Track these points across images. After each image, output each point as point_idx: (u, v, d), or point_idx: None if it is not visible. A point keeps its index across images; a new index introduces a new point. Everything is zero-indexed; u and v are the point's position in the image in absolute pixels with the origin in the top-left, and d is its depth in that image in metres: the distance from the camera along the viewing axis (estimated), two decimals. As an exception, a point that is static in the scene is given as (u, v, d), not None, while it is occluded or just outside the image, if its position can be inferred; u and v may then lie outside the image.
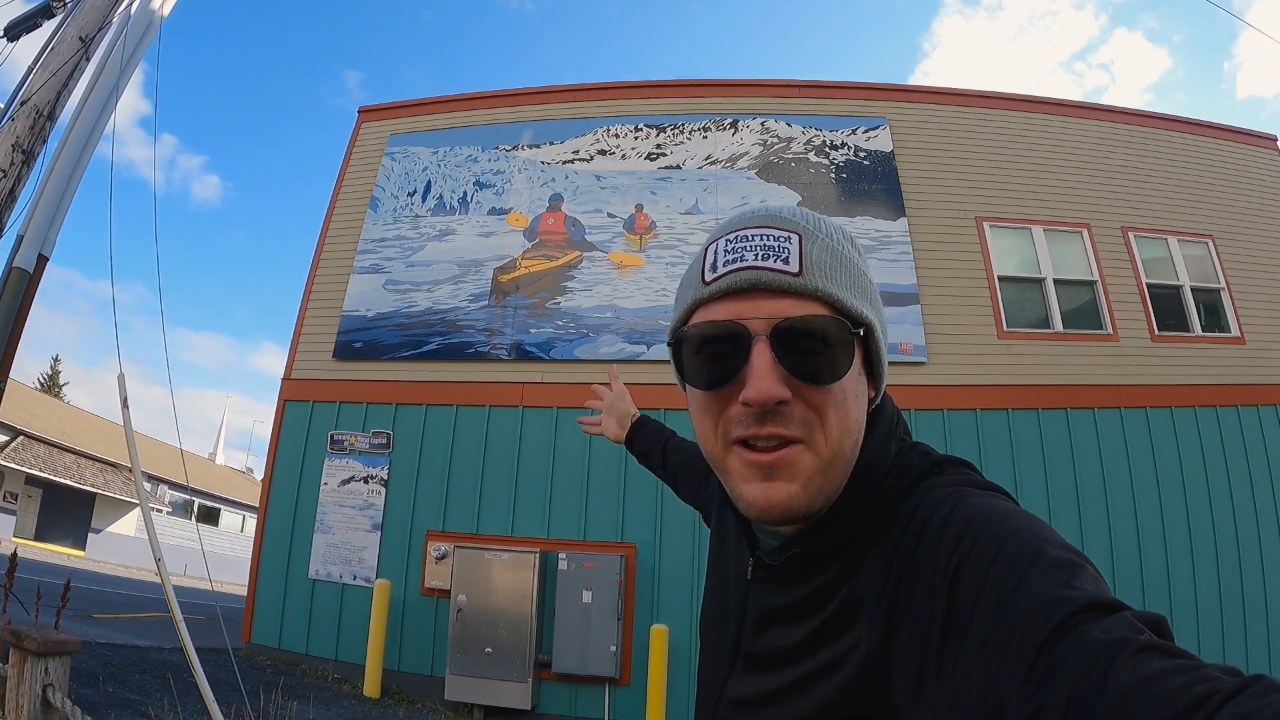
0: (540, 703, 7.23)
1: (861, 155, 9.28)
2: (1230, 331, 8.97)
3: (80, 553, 20.96)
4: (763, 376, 0.63)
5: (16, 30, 4.30)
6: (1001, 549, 0.54)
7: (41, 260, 3.85)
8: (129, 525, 23.09)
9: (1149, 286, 8.96)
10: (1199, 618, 7.45)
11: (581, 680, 7.24)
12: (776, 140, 9.42)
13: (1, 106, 3.96)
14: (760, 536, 0.77)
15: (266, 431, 9.15)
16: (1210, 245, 9.36)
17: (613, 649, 7.13)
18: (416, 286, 9.04)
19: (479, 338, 8.68)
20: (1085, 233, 9.11)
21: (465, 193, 9.53)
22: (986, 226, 8.98)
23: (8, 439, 18.78)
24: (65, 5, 4.16)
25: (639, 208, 9.15)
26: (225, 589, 17.09)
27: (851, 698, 0.62)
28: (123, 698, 5.13)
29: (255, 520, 8.88)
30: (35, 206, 3.82)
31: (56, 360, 37.08)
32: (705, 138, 9.50)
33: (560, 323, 8.64)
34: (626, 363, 8.30)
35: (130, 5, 4.24)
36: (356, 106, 10.99)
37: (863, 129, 9.42)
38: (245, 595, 8.38)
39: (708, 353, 0.68)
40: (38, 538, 20.10)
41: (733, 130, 9.51)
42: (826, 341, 0.65)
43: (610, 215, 9.15)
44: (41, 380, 34.69)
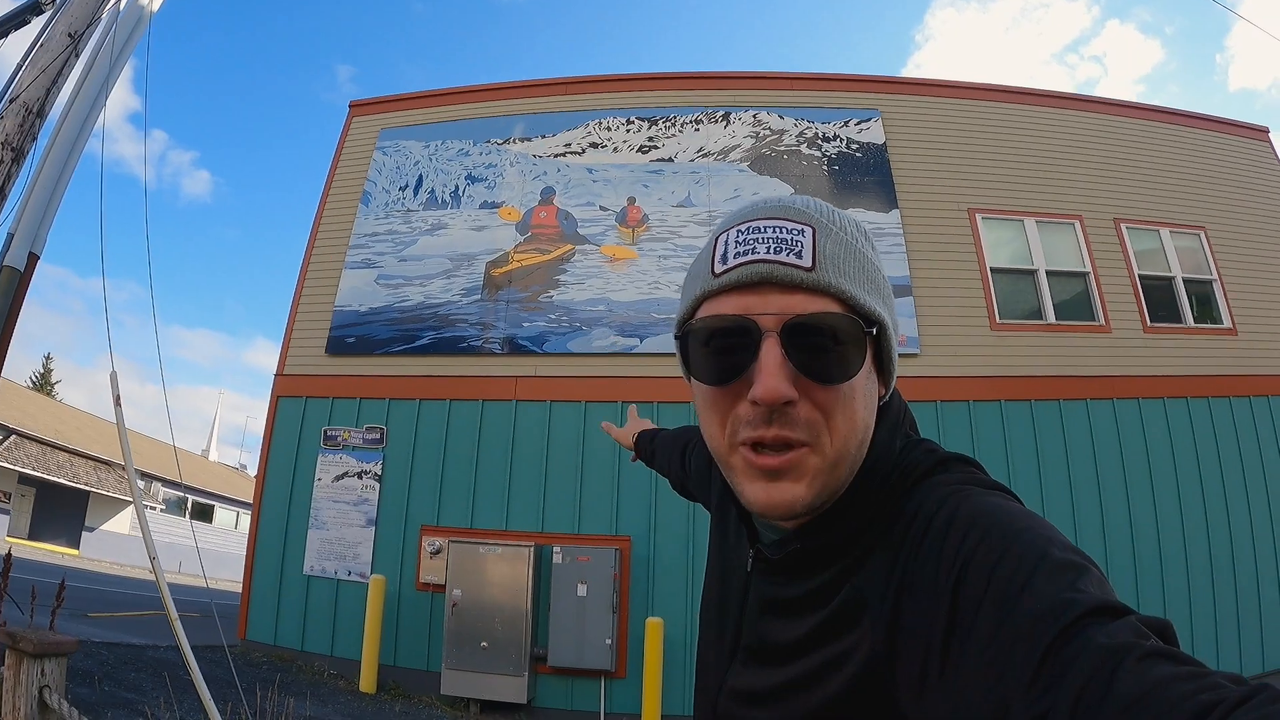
0: (536, 696, 7.25)
1: (854, 147, 9.27)
2: (1222, 323, 9.01)
3: (75, 551, 20.88)
4: (771, 375, 0.62)
5: (5, 27, 4.26)
6: (1006, 550, 0.54)
7: (32, 258, 3.82)
8: (123, 523, 22.99)
9: (1141, 278, 8.99)
10: (1192, 607, 7.50)
11: (577, 673, 7.25)
12: (769, 132, 9.41)
13: None
14: (761, 530, 0.77)
15: (260, 427, 9.13)
16: (1202, 237, 9.39)
17: (608, 642, 7.14)
18: (409, 281, 9.01)
19: (472, 332, 8.66)
20: (1078, 224, 9.13)
21: (457, 187, 9.50)
22: (979, 218, 8.99)
23: (1, 438, 18.70)
24: (54, 2, 4.12)
25: (631, 201, 9.14)
26: (220, 586, 17.07)
27: (854, 696, 0.62)
28: (119, 696, 5.13)
29: (249, 517, 8.87)
30: (25, 204, 3.79)
31: (49, 359, 37.01)
32: (697, 130, 9.48)
33: (553, 316, 8.63)
34: (619, 355, 8.31)
35: (119, 1, 4.20)
36: (348, 101, 10.92)
37: (855, 121, 9.41)
38: (240, 592, 8.37)
39: (715, 347, 0.66)
40: (31, 537, 20.02)
41: (725, 123, 9.50)
42: (838, 340, 0.63)
43: (602, 208, 9.14)
44: (34, 379, 34.57)
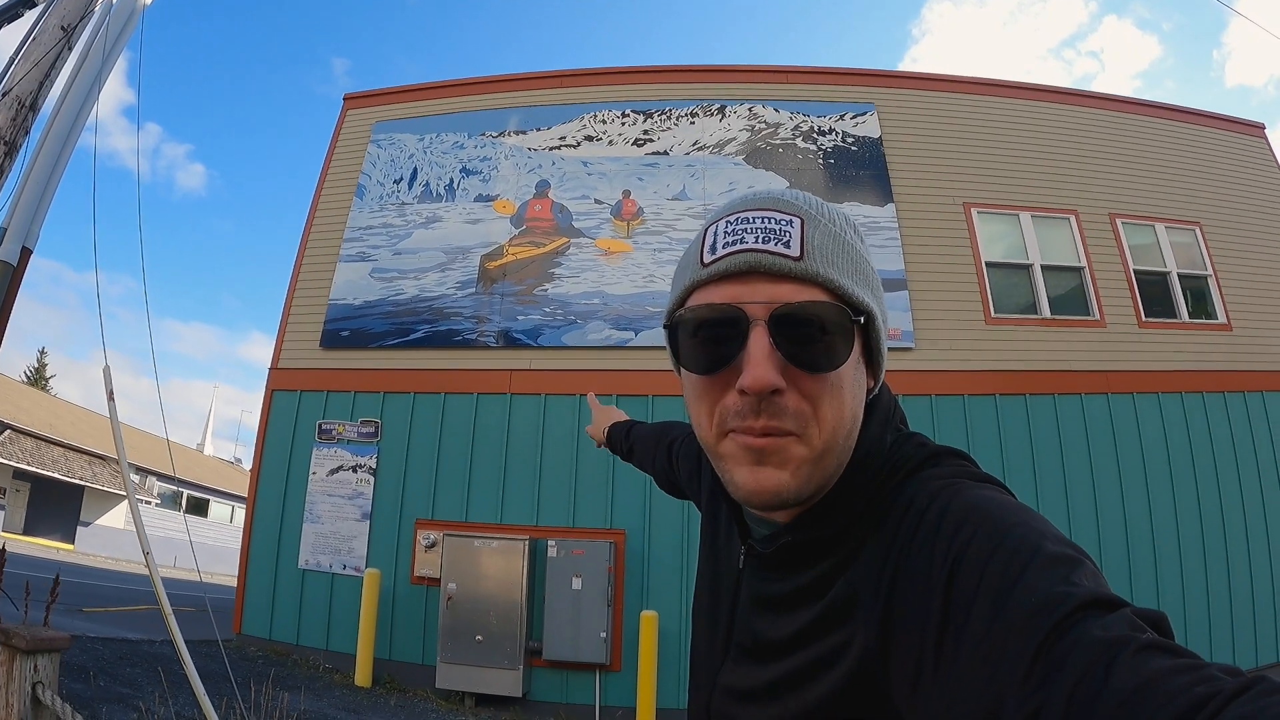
0: (531, 690, 7.25)
1: (849, 141, 9.25)
2: (1217, 318, 9.03)
3: (70, 546, 20.84)
4: (759, 363, 0.62)
5: (-2, 21, 4.23)
6: (1000, 543, 0.53)
7: (25, 253, 3.80)
8: (118, 518, 22.94)
9: (1136, 273, 9.00)
10: (1185, 602, 7.53)
11: (572, 667, 7.26)
12: (764, 126, 9.38)
13: None
14: (752, 525, 0.76)
15: (255, 421, 9.10)
16: (1198, 232, 9.40)
17: (603, 635, 7.15)
18: (403, 274, 8.98)
19: (466, 325, 8.64)
20: (1073, 219, 9.13)
21: (452, 180, 9.46)
22: (974, 212, 8.98)
23: (-6, 432, 18.63)
24: (47, -5, 4.09)
25: (626, 194, 9.11)
26: (215, 580, 17.06)
27: (847, 692, 0.61)
28: (114, 691, 5.13)
29: (244, 511, 8.85)
30: (18, 198, 3.77)
31: (43, 353, 36.86)
32: (693, 123, 9.45)
33: (548, 309, 8.60)
34: (614, 349, 8.30)
35: (112, -6, 4.18)
36: (343, 94, 10.87)
37: (851, 115, 9.39)
38: (235, 586, 8.36)
39: (704, 336, 0.66)
40: (26, 532, 19.97)
41: (720, 116, 9.47)
42: (825, 329, 0.63)
43: (597, 202, 9.11)
44: (28, 373, 34.46)
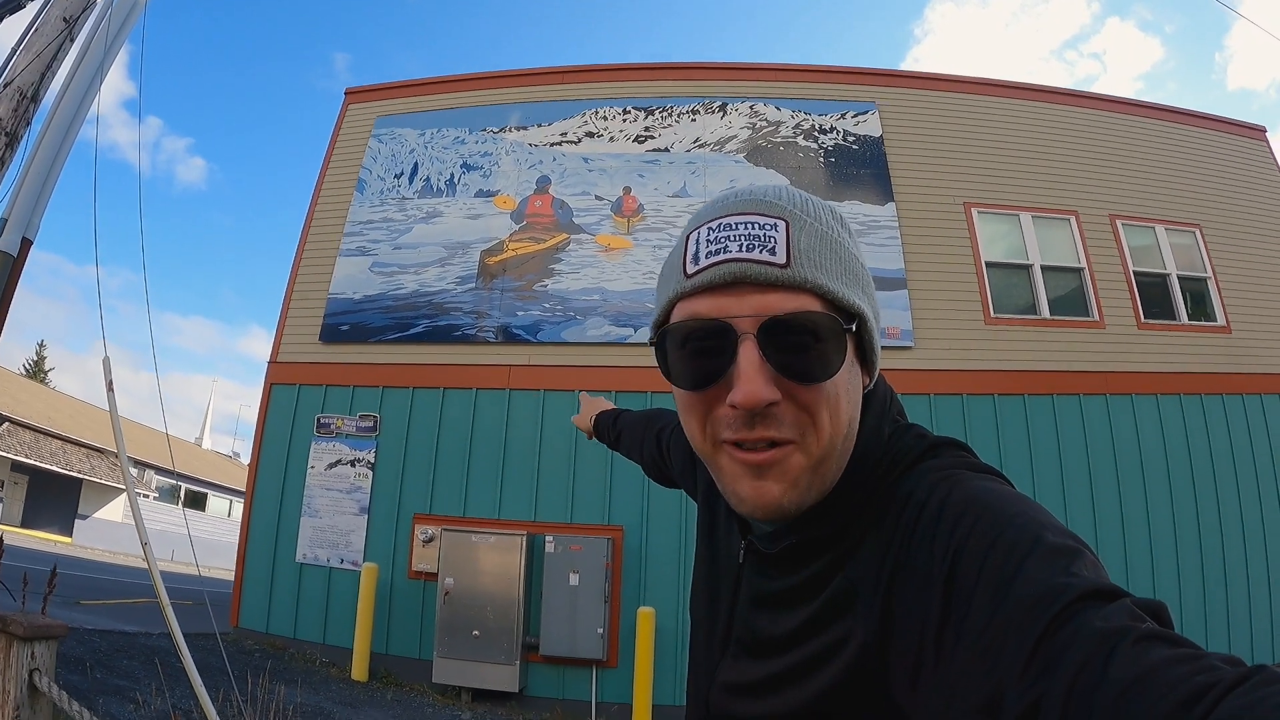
0: (528, 685, 7.25)
1: (850, 140, 9.24)
2: (1216, 320, 9.03)
3: (67, 539, 20.85)
4: (750, 378, 0.60)
5: (0, 12, 4.22)
6: (999, 535, 0.53)
7: (25, 244, 3.80)
8: (116, 511, 22.94)
9: (1136, 274, 9.00)
10: (1181, 604, 7.53)
11: (569, 662, 7.26)
12: (765, 124, 9.37)
13: None
14: (753, 522, 0.75)
15: (253, 415, 9.09)
16: (1198, 235, 9.40)
17: (600, 631, 7.15)
18: (403, 269, 8.97)
19: (466, 320, 8.63)
20: (1073, 220, 9.13)
21: (452, 175, 9.44)
22: (975, 212, 8.98)
23: (-7, 425, 18.62)
24: (49, -15, 4.08)
25: (627, 190, 9.10)
26: (213, 574, 17.06)
27: (848, 686, 0.61)
28: (111, 684, 5.13)
29: (242, 505, 8.85)
30: (19, 190, 3.76)
31: (42, 346, 36.84)
32: (694, 121, 9.44)
33: (547, 305, 8.60)
34: (613, 345, 8.29)
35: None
36: (344, 89, 10.86)
37: (852, 113, 9.38)
38: (233, 580, 8.36)
39: (692, 350, 0.64)
40: (24, 525, 19.97)
41: (721, 113, 9.46)
42: (817, 338, 0.61)
43: (598, 198, 9.10)
44: (27, 366, 34.46)
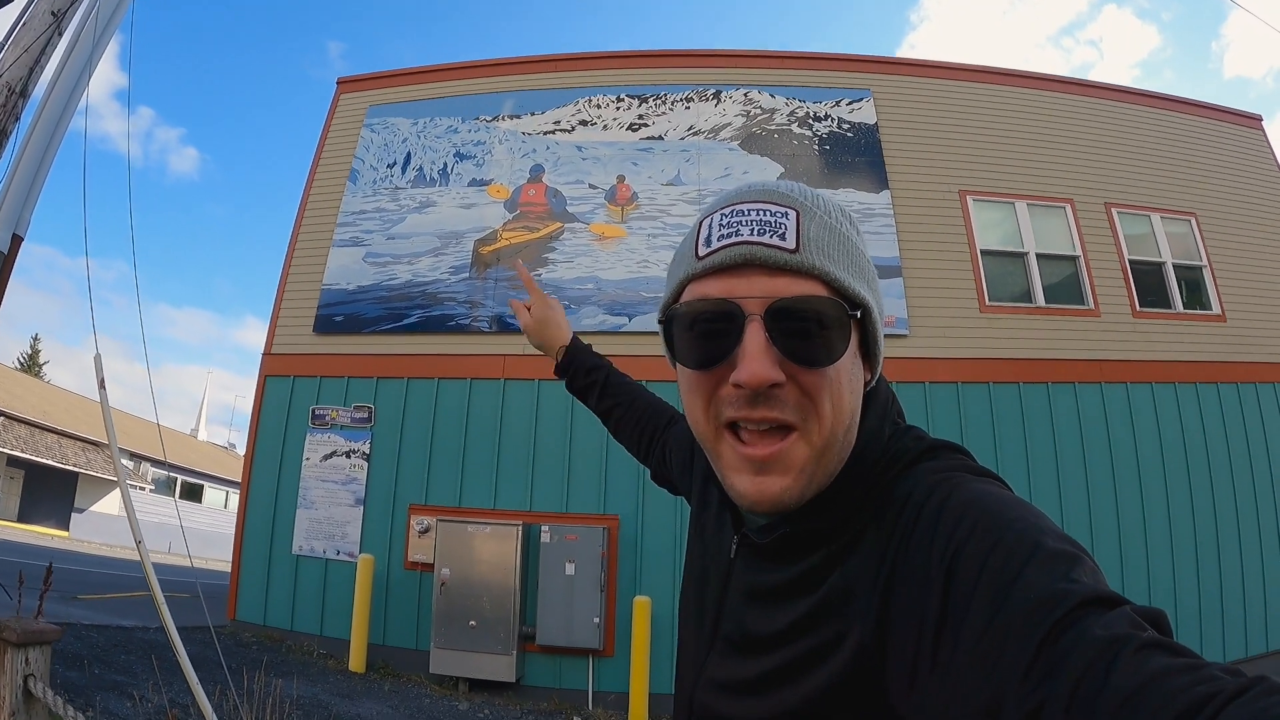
0: (525, 675, 7.27)
1: (845, 127, 9.21)
2: (1211, 309, 9.04)
3: (64, 533, 20.82)
4: (756, 358, 0.61)
5: (-13, 8, 4.17)
6: (999, 539, 0.53)
7: (16, 240, 3.77)
8: (113, 504, 22.88)
9: (1131, 263, 9.00)
10: (1177, 591, 7.56)
11: (565, 652, 7.28)
12: (759, 111, 9.33)
13: None
14: (746, 515, 0.75)
15: (248, 406, 9.07)
16: (1193, 223, 9.40)
17: (596, 621, 7.17)
18: (397, 259, 8.93)
19: (460, 310, 8.61)
20: (1068, 208, 9.12)
21: (445, 164, 9.39)
22: (970, 200, 8.96)
23: (-12, 420, 18.57)
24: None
25: (621, 179, 9.06)
26: (210, 566, 17.09)
27: (842, 688, 0.60)
28: (108, 679, 5.14)
29: (238, 496, 8.84)
30: (8, 186, 3.73)
31: (36, 339, 36.59)
32: (688, 108, 9.39)
33: (542, 295, 8.56)
34: (609, 334, 8.27)
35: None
36: (337, 77, 10.77)
37: (847, 101, 9.34)
38: (229, 572, 8.36)
39: (699, 331, 0.65)
40: (20, 519, 19.96)
41: (715, 101, 9.41)
42: (822, 323, 0.62)
43: (592, 186, 9.06)
44: (21, 360, 34.30)
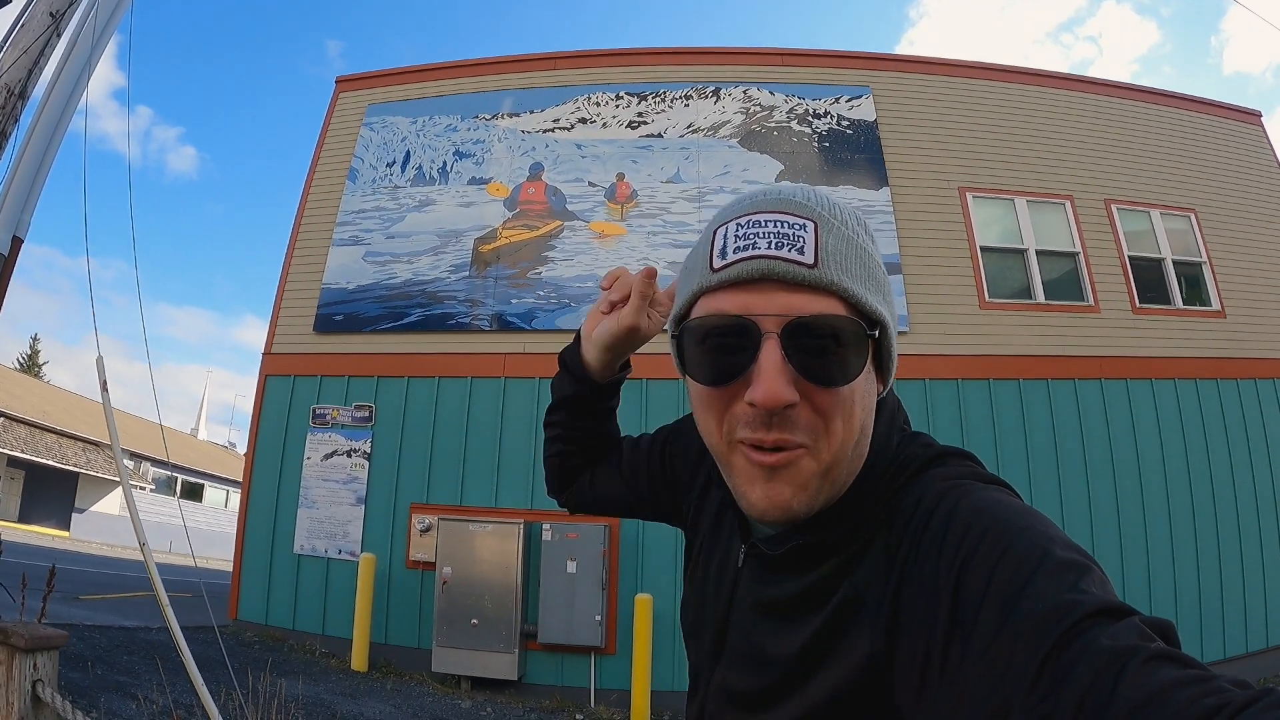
0: (527, 673, 7.28)
1: (844, 124, 9.20)
2: (1211, 305, 9.04)
3: (65, 533, 20.82)
4: (772, 378, 0.60)
5: (-14, 8, 4.16)
6: (1007, 549, 0.53)
7: (16, 242, 3.78)
8: (113, 504, 22.90)
9: (1131, 259, 9.00)
10: (1177, 587, 7.57)
11: (567, 650, 7.29)
12: (759, 109, 9.31)
13: None
14: (755, 525, 0.74)
15: (249, 405, 9.07)
16: (1193, 219, 9.39)
17: (598, 619, 7.17)
18: (396, 258, 8.93)
19: (460, 309, 8.61)
20: (1068, 204, 9.12)
21: (445, 163, 9.38)
22: (969, 197, 8.96)
23: (-12, 421, 18.56)
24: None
25: (620, 177, 9.05)
26: (212, 565, 17.11)
27: (852, 696, 0.60)
28: (112, 680, 5.15)
29: (239, 496, 8.85)
30: (8, 188, 3.73)
31: (36, 339, 36.52)
32: (687, 106, 9.38)
33: (542, 293, 8.57)
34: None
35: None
36: (336, 76, 10.77)
37: (846, 98, 9.33)
38: (231, 571, 8.37)
39: (713, 346, 0.64)
40: (21, 520, 19.95)
41: (715, 98, 9.40)
42: (840, 342, 0.61)
43: (591, 184, 9.05)
44: (21, 360, 34.26)
